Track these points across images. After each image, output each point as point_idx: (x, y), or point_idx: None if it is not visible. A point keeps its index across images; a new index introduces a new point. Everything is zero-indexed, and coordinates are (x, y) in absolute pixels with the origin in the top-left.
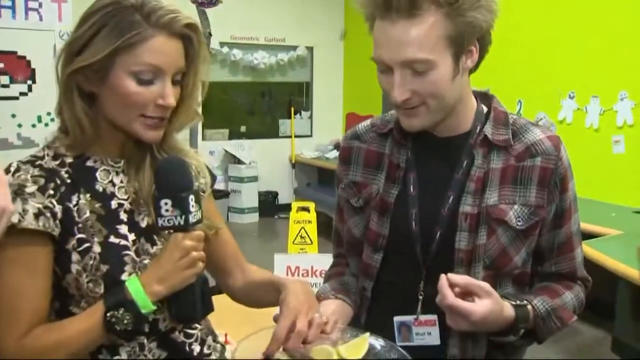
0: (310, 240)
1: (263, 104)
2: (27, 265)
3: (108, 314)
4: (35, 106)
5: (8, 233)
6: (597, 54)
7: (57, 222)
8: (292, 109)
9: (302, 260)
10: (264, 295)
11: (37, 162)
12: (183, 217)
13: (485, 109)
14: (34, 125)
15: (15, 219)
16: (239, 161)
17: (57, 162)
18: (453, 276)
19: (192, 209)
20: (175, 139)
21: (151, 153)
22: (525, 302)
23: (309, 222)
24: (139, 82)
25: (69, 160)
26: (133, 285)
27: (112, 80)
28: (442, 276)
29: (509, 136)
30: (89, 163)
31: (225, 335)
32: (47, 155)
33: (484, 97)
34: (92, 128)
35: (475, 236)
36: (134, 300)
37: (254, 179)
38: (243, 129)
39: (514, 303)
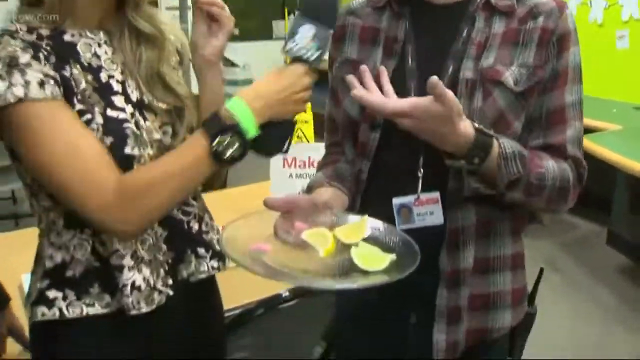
0: (307, 140)
1: (254, 3)
2: (61, 121)
3: (214, 142)
4: None
5: (18, 110)
6: None
7: (61, 89)
8: (286, 10)
9: (298, 150)
10: None
11: (15, 35)
12: (319, 52)
13: None
14: None
15: (20, 92)
16: (232, 64)
17: (34, 36)
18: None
19: (326, 49)
20: (149, 7)
21: (128, 23)
22: (493, 135)
23: (306, 122)
24: None
25: (45, 33)
26: (238, 107)
27: None
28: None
29: (514, 2)
30: (67, 38)
31: (223, 228)
32: (20, 29)
33: None
34: None
35: (472, 100)
36: (238, 123)
37: (249, 82)
38: (235, 31)
39: (476, 126)
